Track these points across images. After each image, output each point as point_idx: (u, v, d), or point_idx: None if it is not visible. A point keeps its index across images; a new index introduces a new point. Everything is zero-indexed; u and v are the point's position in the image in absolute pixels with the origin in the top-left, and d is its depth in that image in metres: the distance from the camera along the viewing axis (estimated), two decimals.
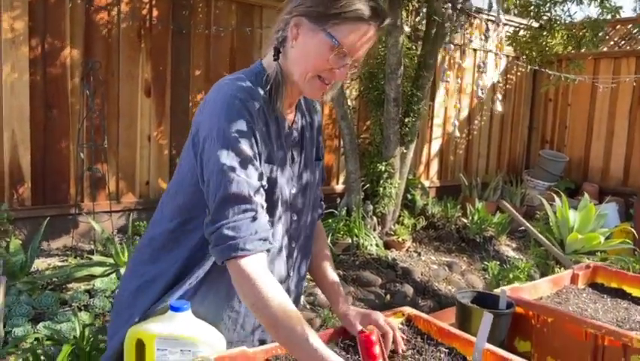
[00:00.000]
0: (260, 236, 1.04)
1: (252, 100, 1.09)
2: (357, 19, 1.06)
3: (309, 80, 1.10)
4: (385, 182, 4.24)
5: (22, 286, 2.88)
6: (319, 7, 1.07)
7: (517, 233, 5.06)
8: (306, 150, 1.26)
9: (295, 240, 1.26)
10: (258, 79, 1.14)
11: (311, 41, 1.08)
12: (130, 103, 3.93)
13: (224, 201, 1.03)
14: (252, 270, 1.01)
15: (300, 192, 1.25)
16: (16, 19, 3.38)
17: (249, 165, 1.05)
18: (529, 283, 1.70)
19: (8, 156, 3.45)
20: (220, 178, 1.03)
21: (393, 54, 3.90)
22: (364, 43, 1.09)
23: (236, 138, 1.04)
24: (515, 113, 6.81)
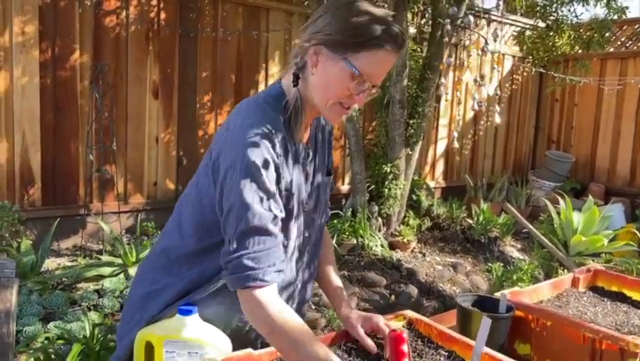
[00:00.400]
0: (277, 268, 1.08)
1: (275, 131, 1.11)
2: (377, 48, 1.08)
3: (330, 107, 1.14)
4: (390, 183, 4.27)
5: (32, 286, 2.94)
6: (338, 35, 1.09)
7: (522, 234, 5.07)
8: (318, 165, 1.30)
9: (305, 248, 1.30)
10: (278, 103, 1.16)
11: (332, 70, 1.10)
12: (138, 105, 3.98)
13: (245, 233, 1.06)
14: (267, 299, 1.05)
15: (313, 207, 1.30)
16: (26, 23, 3.44)
17: (270, 199, 1.08)
18: (529, 287, 1.73)
19: (19, 158, 3.51)
20: (242, 211, 1.05)
21: None
22: (384, 69, 1.13)
23: (258, 172, 1.06)
24: (521, 113, 6.81)
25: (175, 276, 1.22)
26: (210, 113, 4.35)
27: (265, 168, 1.07)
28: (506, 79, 6.56)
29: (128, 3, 3.84)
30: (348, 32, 1.08)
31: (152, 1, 3.97)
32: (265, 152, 1.07)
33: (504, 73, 6.52)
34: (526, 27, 6.23)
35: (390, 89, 4.10)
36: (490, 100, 6.40)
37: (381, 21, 1.09)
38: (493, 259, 4.38)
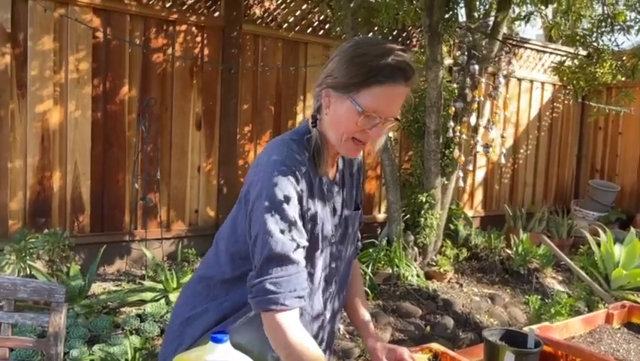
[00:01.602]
0: (297, 294, 1.15)
1: (299, 165, 1.19)
2: (378, 84, 1.14)
3: (345, 143, 1.20)
4: (426, 213, 4.28)
5: (79, 310, 3.08)
6: (343, 77, 1.17)
7: (563, 265, 4.95)
8: (346, 199, 1.35)
9: (332, 279, 1.35)
10: (303, 141, 1.25)
11: (340, 109, 1.18)
12: (181, 136, 4.16)
13: (268, 259, 1.14)
14: (287, 323, 1.12)
15: (340, 239, 1.34)
16: (81, 61, 3.68)
17: (292, 227, 1.16)
18: (560, 322, 1.73)
19: (71, 187, 3.72)
20: (266, 238, 1.14)
21: (433, 88, 3.98)
22: (392, 103, 1.16)
23: (281, 203, 1.15)
24: (563, 141, 6.71)
25: (212, 302, 1.29)
26: (250, 144, 4.50)
27: (288, 201, 1.15)
28: (547, 107, 6.50)
29: (174, 41, 4.05)
30: (351, 73, 1.15)
31: (197, 38, 4.17)
32: (289, 186, 1.16)
33: (544, 101, 6.46)
34: (566, 56, 6.18)
35: (425, 120, 4.15)
36: (530, 127, 6.34)
37: (383, 58, 1.13)
38: (532, 291, 4.29)
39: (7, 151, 3.48)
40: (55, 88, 3.61)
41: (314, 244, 1.24)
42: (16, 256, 3.14)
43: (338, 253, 1.35)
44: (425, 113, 4.15)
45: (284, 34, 4.57)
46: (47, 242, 3.23)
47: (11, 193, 3.52)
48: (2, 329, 1.63)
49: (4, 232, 3.49)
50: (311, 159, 1.24)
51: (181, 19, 4.06)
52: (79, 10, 3.63)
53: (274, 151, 1.22)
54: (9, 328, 1.63)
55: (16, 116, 3.49)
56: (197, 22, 4.15)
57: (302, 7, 4.68)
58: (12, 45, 3.44)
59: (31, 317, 1.68)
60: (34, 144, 3.57)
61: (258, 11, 4.48)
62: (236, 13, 4.29)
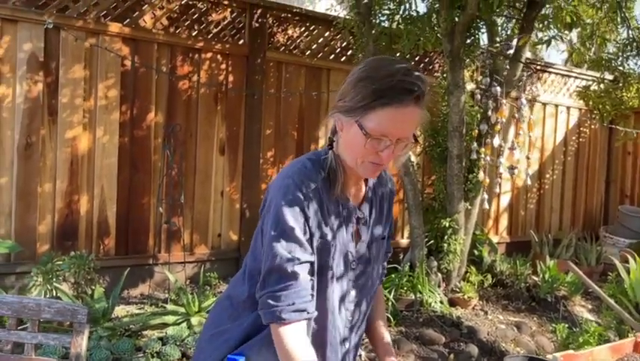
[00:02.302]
0: (296, 308, 1.16)
1: (309, 182, 1.21)
2: (382, 107, 1.12)
3: (361, 165, 1.20)
4: (450, 238, 4.23)
5: (102, 332, 3.11)
6: (350, 101, 1.17)
7: (592, 293, 4.81)
8: (373, 226, 1.34)
9: (356, 306, 1.34)
10: (320, 162, 1.26)
11: (350, 132, 1.18)
12: (205, 161, 4.23)
13: (269, 271, 1.18)
14: (287, 336, 1.15)
15: (364, 266, 1.33)
16: (109, 88, 3.80)
17: (294, 243, 1.18)
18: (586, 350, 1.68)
19: (97, 211, 3.80)
20: (269, 251, 1.18)
21: (455, 113, 3.98)
22: (400, 125, 1.15)
23: (285, 217, 1.18)
24: (590, 166, 6.59)
25: (234, 322, 1.31)
26: (273, 168, 4.54)
27: (291, 214, 1.17)
28: (573, 132, 6.41)
29: (200, 68, 4.16)
30: (357, 97, 1.15)
31: (222, 66, 4.27)
32: (294, 202, 1.18)
33: (570, 125, 6.38)
34: (592, 80, 6.12)
35: (448, 144, 4.14)
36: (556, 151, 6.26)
37: (388, 79, 1.13)
38: (560, 320, 4.18)
39: (37, 176, 3.58)
40: (85, 114, 3.73)
41: (324, 264, 1.24)
42: (42, 278, 3.20)
43: (361, 280, 1.33)
44: (448, 137, 4.14)
45: (307, 61, 4.64)
46: (73, 265, 3.29)
47: (40, 216, 3.61)
48: (26, 349, 1.66)
49: (33, 254, 3.58)
50: (326, 180, 1.25)
51: (206, 47, 4.17)
52: (109, 39, 3.77)
53: (288, 169, 1.25)
54: (32, 348, 1.66)
55: (47, 142, 3.61)
56: (222, 50, 4.25)
57: (324, 34, 4.76)
58: (44, 73, 3.57)
59: (54, 338, 1.71)
60: (64, 169, 3.67)
61: (281, 39, 4.57)
62: (260, 41, 4.39)
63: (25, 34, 3.50)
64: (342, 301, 1.30)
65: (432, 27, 3.96)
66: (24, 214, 3.56)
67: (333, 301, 1.27)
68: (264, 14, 4.41)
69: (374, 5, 4.14)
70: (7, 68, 3.46)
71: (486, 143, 4.08)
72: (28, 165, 3.55)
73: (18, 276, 3.53)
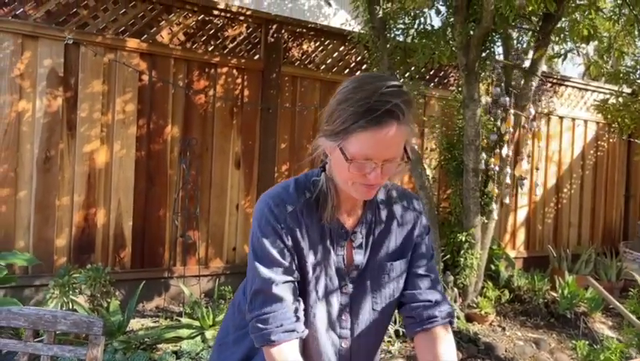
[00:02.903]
0: (285, 328, 1.16)
1: (284, 204, 1.20)
2: (360, 131, 1.07)
3: (352, 187, 1.16)
4: (466, 252, 4.18)
5: (117, 345, 3.12)
6: (329, 126, 1.12)
7: (613, 310, 4.71)
8: (373, 250, 1.26)
9: (353, 335, 1.28)
10: (308, 184, 1.24)
11: (334, 156, 1.15)
12: (221, 175, 4.25)
13: (254, 294, 1.19)
14: (279, 358, 1.15)
15: (360, 293, 1.26)
16: (127, 103, 3.85)
17: (275, 265, 1.18)
18: None
19: (114, 224, 3.83)
20: (251, 274, 1.20)
21: (471, 126, 3.96)
22: (383, 146, 1.09)
23: (261, 241, 1.19)
24: (609, 181, 6.50)
25: (241, 329, 1.31)
26: None
27: (270, 241, 1.18)
28: (590, 145, 6.34)
29: (216, 82, 4.20)
30: (337, 121, 1.10)
31: (237, 80, 4.31)
32: (268, 224, 1.19)
33: (588, 139, 6.31)
34: (609, 93, 6.06)
35: (464, 157, 4.11)
36: (573, 165, 6.19)
37: (365, 101, 1.07)
38: (580, 337, 4.09)
39: (55, 189, 3.63)
40: (103, 128, 3.77)
41: (303, 286, 1.22)
42: (59, 291, 3.22)
43: (358, 307, 1.27)
44: (463, 151, 4.11)
45: (321, 75, 4.67)
46: (89, 278, 3.31)
47: (58, 230, 3.65)
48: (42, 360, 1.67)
49: (50, 267, 3.61)
50: (312, 202, 1.22)
51: (222, 62, 4.22)
52: (126, 55, 3.82)
53: (269, 190, 1.25)
54: (48, 360, 1.67)
55: (65, 156, 3.66)
56: (238, 65, 4.29)
57: (339, 48, 4.79)
58: (64, 88, 3.63)
59: (69, 350, 1.71)
60: (81, 183, 3.72)
61: (296, 53, 4.61)
62: (275, 56, 4.42)
63: (46, 50, 3.56)
64: (331, 327, 1.26)
65: (447, 41, 3.96)
66: (42, 227, 3.60)
67: (316, 325, 1.24)
68: (279, 29, 4.45)
69: (389, 20, 4.15)
70: (28, 83, 3.53)
71: (495, 153, 4.03)
72: (46, 179, 3.60)
73: (36, 289, 3.56)
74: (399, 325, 3.79)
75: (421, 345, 1.27)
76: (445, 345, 1.25)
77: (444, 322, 1.26)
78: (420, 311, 1.27)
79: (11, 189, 3.51)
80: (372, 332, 1.31)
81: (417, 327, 1.27)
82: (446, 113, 4.86)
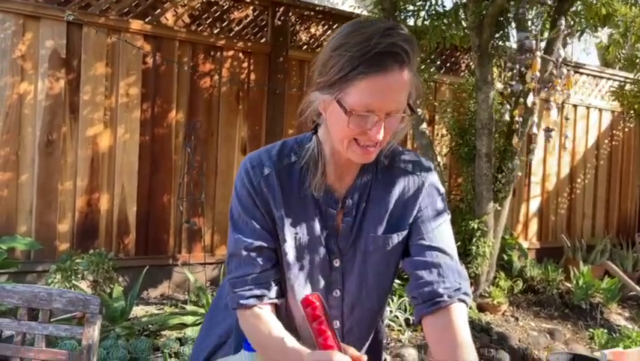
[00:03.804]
0: (253, 293, 1.11)
1: (262, 167, 1.12)
2: (361, 78, 0.96)
3: (348, 147, 1.04)
4: (478, 240, 4.07)
5: (120, 331, 3.04)
6: (323, 76, 1.01)
7: (629, 301, 4.59)
8: (366, 220, 1.14)
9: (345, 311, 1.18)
10: (295, 147, 1.15)
11: (330, 112, 1.03)
12: (227, 160, 4.16)
13: (230, 256, 1.15)
14: (248, 322, 1.12)
15: (350, 265, 1.15)
16: (131, 86, 3.76)
17: (249, 228, 1.12)
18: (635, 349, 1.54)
19: (117, 209, 3.75)
20: (229, 236, 1.16)
21: (484, 109, 3.84)
22: (386, 95, 0.98)
23: (236, 202, 1.14)
24: (624, 170, 6.35)
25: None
26: None
27: (243, 200, 1.13)
28: (605, 134, 6.19)
29: (221, 66, 4.10)
30: (332, 70, 0.99)
31: (243, 64, 4.22)
32: (243, 186, 1.13)
33: (602, 128, 6.16)
34: (624, 81, 5.91)
35: (476, 143, 3.99)
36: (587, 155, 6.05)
37: (365, 44, 0.96)
38: (595, 327, 3.98)
39: (58, 173, 3.55)
40: (106, 112, 3.69)
41: (282, 258, 1.14)
42: (61, 276, 3.15)
43: (349, 280, 1.16)
44: (476, 135, 4.00)
45: None
46: (92, 263, 3.24)
47: (60, 215, 3.58)
48: (36, 340, 1.59)
49: (53, 252, 3.54)
50: (297, 166, 1.13)
51: (228, 45, 4.12)
52: (130, 36, 3.74)
53: (257, 150, 1.19)
54: (43, 339, 1.59)
55: (68, 139, 3.58)
56: (244, 48, 4.20)
57: None
58: (66, 70, 3.55)
59: (65, 329, 1.63)
60: (84, 167, 3.64)
61: (304, 37, 4.50)
62: (282, 40, 4.32)
63: (47, 31, 3.49)
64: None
65: (459, 22, 3.84)
66: (44, 212, 3.53)
67: (297, 296, 1.14)
68: (286, 12, 4.35)
69: (399, 1, 4.04)
70: (30, 64, 3.46)
71: (519, 103, 3.67)
72: (49, 163, 3.53)
73: (39, 275, 3.50)
74: (408, 313, 3.69)
75: (430, 333, 1.09)
76: (458, 335, 1.05)
77: (451, 301, 1.07)
78: (422, 290, 1.09)
79: (13, 173, 3.44)
80: (366, 311, 1.19)
81: (422, 310, 1.09)
82: (458, 97, 4.74)
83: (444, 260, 1.12)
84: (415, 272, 1.13)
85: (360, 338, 1.22)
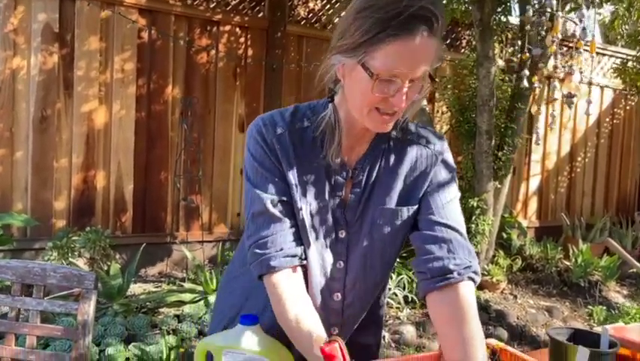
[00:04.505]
0: (286, 253, 1.04)
1: (275, 126, 1.08)
2: (389, 41, 0.92)
3: (367, 115, 1.00)
4: (477, 218, 4.05)
5: (118, 308, 3.03)
6: (347, 39, 0.97)
7: (628, 279, 4.59)
8: (375, 191, 1.11)
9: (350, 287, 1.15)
10: (309, 112, 1.10)
11: (353, 76, 0.99)
12: (224, 137, 4.11)
13: (251, 218, 1.07)
14: (280, 286, 1.03)
15: (355, 237, 1.12)
16: (126, 61, 3.70)
17: (269, 183, 1.06)
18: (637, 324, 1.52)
19: (114, 186, 3.72)
20: (248, 196, 1.08)
21: (485, 85, 3.78)
22: (413, 60, 0.94)
23: (252, 161, 1.08)
24: (625, 149, 6.31)
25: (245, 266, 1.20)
26: None
27: (258, 157, 1.07)
28: (607, 113, 6.13)
29: (218, 41, 4.03)
30: (357, 32, 0.94)
31: (240, 39, 4.14)
32: (257, 144, 1.08)
33: (604, 106, 6.10)
34: (627, 58, 5.84)
35: (477, 119, 3.95)
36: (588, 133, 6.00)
37: (393, 5, 0.92)
38: (594, 304, 3.98)
39: (53, 150, 3.51)
40: (101, 88, 3.63)
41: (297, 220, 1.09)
42: (57, 253, 3.13)
43: (354, 252, 1.13)
44: (476, 112, 3.95)
45: (328, 35, 4.47)
46: (89, 240, 3.22)
47: (56, 192, 3.54)
48: (31, 316, 1.57)
49: (49, 230, 3.51)
50: (312, 134, 1.08)
51: (225, 20, 4.04)
52: (124, 10, 3.66)
53: (268, 112, 1.14)
54: (38, 315, 1.57)
55: (62, 116, 3.53)
56: (241, 23, 4.12)
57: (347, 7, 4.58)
58: (59, 45, 3.48)
59: (60, 305, 1.60)
60: (79, 144, 3.59)
61: (302, 12, 4.42)
62: (280, 14, 4.24)
63: (40, 5, 3.41)
64: (324, 276, 1.12)
65: None
66: (40, 189, 3.49)
67: (310, 270, 1.09)
68: None
69: None
70: (22, 39, 3.39)
71: (538, 69, 3.55)
72: (43, 139, 3.48)
73: (36, 252, 3.48)
74: (407, 291, 3.69)
75: (436, 310, 1.06)
76: (467, 314, 1.02)
77: (461, 278, 1.04)
78: (431, 265, 1.06)
79: (7, 150, 3.39)
80: (369, 285, 1.17)
81: (429, 285, 1.06)
82: (458, 74, 4.67)
83: (454, 236, 1.09)
84: (424, 246, 1.09)
85: (361, 311, 1.20)
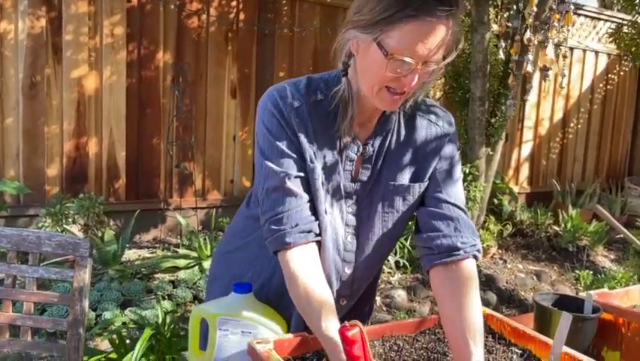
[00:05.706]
0: (301, 229, 1.04)
1: (292, 99, 1.06)
2: (408, 20, 0.92)
3: (378, 93, 1.01)
4: (469, 185, 4.08)
5: (113, 274, 3.07)
6: (365, 14, 0.96)
7: (615, 244, 4.68)
8: (384, 167, 1.12)
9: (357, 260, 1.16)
10: (322, 85, 1.09)
11: (367, 53, 0.99)
12: (216, 104, 4.08)
13: (266, 194, 1.06)
14: (294, 261, 1.03)
15: (365, 211, 1.14)
16: (115, 26, 3.63)
17: (285, 157, 1.05)
18: (621, 289, 1.56)
19: (106, 153, 3.70)
20: (262, 176, 1.06)
21: (479, 51, 3.76)
22: (428, 42, 0.94)
23: (267, 135, 1.06)
24: (617, 115, 6.32)
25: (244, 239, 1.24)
26: None
27: (274, 130, 1.06)
28: (600, 78, 6.12)
29: (209, 5, 3.95)
30: (376, 9, 0.94)
31: (232, 3, 4.06)
32: (276, 116, 1.06)
33: (598, 72, 6.08)
34: (623, 23, 5.79)
35: (470, 86, 3.94)
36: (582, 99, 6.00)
37: None
38: (581, 269, 4.07)
39: (43, 116, 3.48)
40: (91, 53, 3.58)
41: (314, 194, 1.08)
42: (51, 220, 3.14)
43: (360, 229, 1.14)
44: (470, 78, 3.93)
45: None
46: (82, 207, 3.23)
47: (48, 159, 3.53)
48: (27, 283, 1.59)
49: (42, 197, 3.51)
50: (326, 107, 1.08)
51: None
52: None
53: (279, 83, 1.12)
54: (34, 282, 1.59)
55: (52, 82, 3.48)
56: None
57: None
58: (47, 8, 3.41)
59: (55, 272, 1.62)
60: (70, 110, 3.56)
61: None
62: None
63: None
64: (337, 249, 1.12)
65: None
66: (31, 156, 3.48)
67: (324, 243, 1.10)
68: None
69: None
70: (8, 2, 3.31)
71: (515, 41, 3.57)
72: (33, 106, 3.44)
73: (30, 219, 3.49)
74: (399, 256, 3.74)
75: (440, 283, 1.10)
76: (470, 288, 1.07)
77: (467, 255, 1.08)
78: (439, 241, 1.09)
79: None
80: (375, 259, 1.20)
81: (435, 259, 1.10)
82: None
83: (460, 215, 1.13)
84: (431, 222, 1.12)
85: (366, 282, 1.24)
